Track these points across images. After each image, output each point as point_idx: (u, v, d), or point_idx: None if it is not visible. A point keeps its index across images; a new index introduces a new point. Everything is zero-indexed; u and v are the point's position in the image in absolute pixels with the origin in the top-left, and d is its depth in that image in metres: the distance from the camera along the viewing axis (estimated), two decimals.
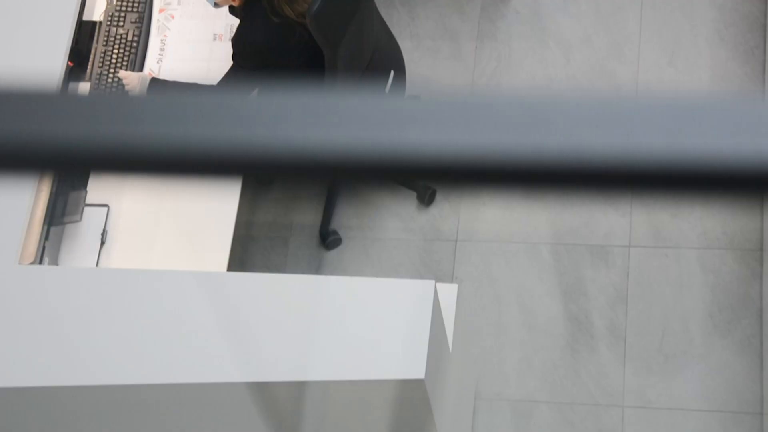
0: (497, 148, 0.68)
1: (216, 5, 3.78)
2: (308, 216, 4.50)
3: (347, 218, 4.49)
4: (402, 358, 3.04)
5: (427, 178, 0.70)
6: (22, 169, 0.70)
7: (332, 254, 4.46)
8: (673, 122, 0.69)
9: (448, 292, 3.52)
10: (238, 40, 3.81)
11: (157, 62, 4.08)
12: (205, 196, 3.73)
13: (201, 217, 3.76)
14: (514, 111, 0.70)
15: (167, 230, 3.78)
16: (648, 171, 0.68)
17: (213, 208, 3.76)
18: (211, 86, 3.91)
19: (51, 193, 3.63)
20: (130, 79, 3.95)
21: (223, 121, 0.69)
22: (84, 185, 3.74)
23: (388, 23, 4.35)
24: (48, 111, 0.69)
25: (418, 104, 0.72)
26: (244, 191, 4.04)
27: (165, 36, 4.13)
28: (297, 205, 4.55)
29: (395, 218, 4.48)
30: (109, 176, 0.75)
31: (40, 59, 3.71)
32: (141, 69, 4.07)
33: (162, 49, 4.11)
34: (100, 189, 3.75)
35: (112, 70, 4.04)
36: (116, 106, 0.73)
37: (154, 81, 3.95)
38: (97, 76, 4.03)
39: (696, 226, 4.32)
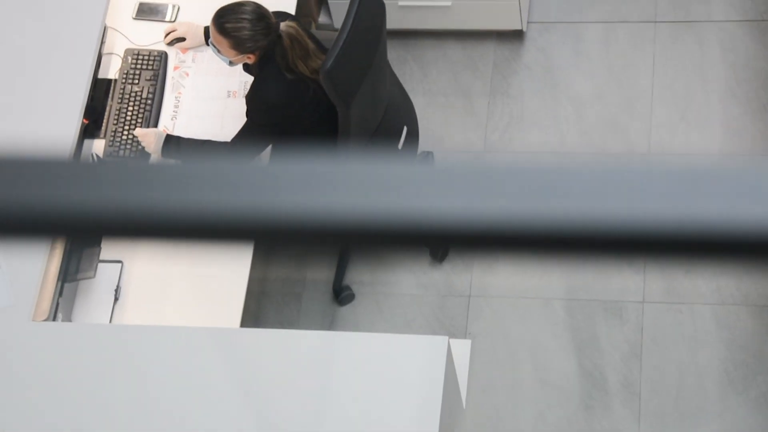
0: (510, 214, 0.68)
1: (231, 63, 3.81)
2: (321, 271, 4.51)
3: (360, 273, 4.50)
4: (416, 415, 3.03)
5: (440, 244, 0.71)
6: (35, 235, 0.71)
7: (345, 310, 4.46)
8: (685, 189, 0.70)
9: (462, 348, 3.52)
10: (252, 98, 3.83)
11: (172, 119, 4.11)
12: (218, 254, 3.74)
13: (214, 272, 3.76)
14: (528, 178, 0.70)
15: (181, 286, 3.78)
16: (660, 238, 0.68)
17: (226, 264, 3.76)
18: (225, 143, 3.93)
19: (65, 250, 3.64)
20: (145, 136, 3.98)
21: (235, 188, 0.70)
22: (98, 242, 3.75)
23: (401, 79, 4.38)
24: (62, 178, 0.70)
25: (432, 170, 0.73)
26: (257, 247, 4.05)
27: (179, 93, 4.16)
28: (310, 261, 4.56)
29: (408, 273, 4.48)
30: (123, 241, 0.75)
31: (56, 116, 3.74)
32: (156, 126, 4.09)
33: (176, 106, 4.13)
34: (113, 245, 3.76)
35: (126, 127, 4.07)
36: (129, 173, 0.73)
37: (169, 138, 3.97)
38: (112, 133, 4.05)
39: (710, 282, 4.31)
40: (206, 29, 4.15)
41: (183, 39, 4.20)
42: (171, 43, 4.21)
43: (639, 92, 4.77)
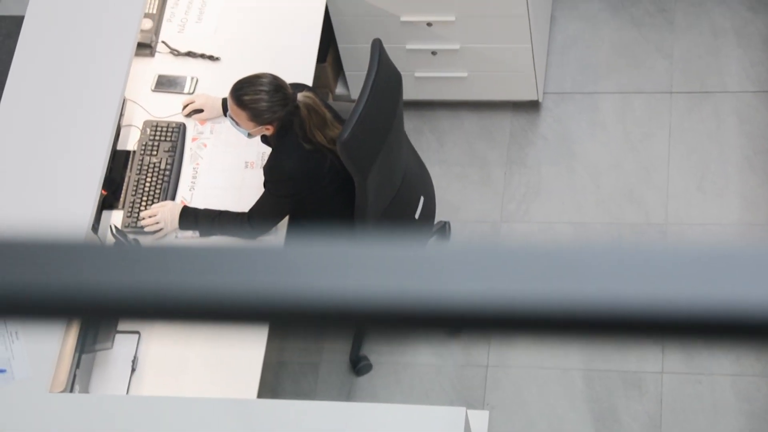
0: (527, 298, 0.68)
1: (250, 135, 3.83)
2: (338, 342, 4.50)
3: (377, 344, 4.48)
4: None
5: (456, 326, 0.71)
6: (50, 317, 0.72)
7: (363, 380, 4.44)
8: (701, 270, 0.70)
9: (480, 419, 3.50)
10: (270, 169, 3.85)
11: (190, 190, 4.13)
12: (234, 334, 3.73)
13: (231, 343, 3.76)
14: (545, 259, 0.70)
15: (198, 357, 3.78)
16: (678, 321, 0.68)
17: (243, 335, 3.76)
18: (243, 214, 3.95)
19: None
20: (160, 215, 3.98)
21: (250, 271, 0.70)
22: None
23: (418, 150, 4.40)
24: (77, 261, 0.70)
25: (450, 252, 0.73)
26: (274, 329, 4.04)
27: (197, 164, 4.18)
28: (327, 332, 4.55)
29: (426, 344, 4.47)
30: (138, 322, 0.76)
31: (75, 188, 3.76)
32: (173, 197, 4.11)
33: (194, 177, 4.16)
34: None
35: (145, 198, 4.09)
36: (144, 255, 0.74)
37: (186, 210, 3.99)
38: (131, 205, 4.07)
39: (729, 353, 4.28)
40: (224, 101, 4.18)
41: (201, 111, 4.24)
42: (189, 115, 4.25)
43: (655, 162, 4.77)
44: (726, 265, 0.72)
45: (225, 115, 4.14)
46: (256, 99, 3.71)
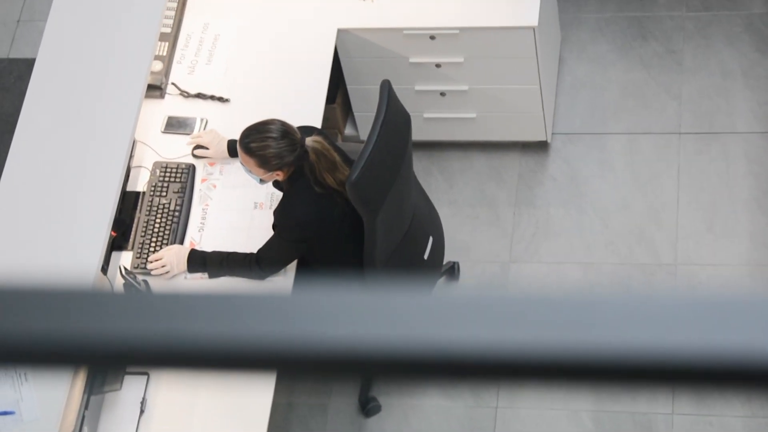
0: (539, 346, 0.68)
1: (262, 181, 3.83)
2: (347, 382, 4.49)
3: (386, 385, 4.47)
4: None
5: (465, 376, 0.71)
6: (56, 365, 0.72)
7: (372, 421, 4.43)
8: (710, 320, 0.70)
9: None
10: (281, 213, 3.85)
11: (199, 231, 4.13)
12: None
13: (240, 384, 3.75)
14: (556, 307, 0.70)
15: (207, 399, 3.77)
16: (686, 369, 0.68)
17: (252, 376, 3.75)
18: (252, 256, 3.95)
19: None
20: (164, 258, 3.99)
21: (260, 320, 0.70)
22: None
23: (427, 190, 4.40)
24: (88, 309, 0.71)
25: (459, 300, 0.73)
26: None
27: (207, 205, 4.19)
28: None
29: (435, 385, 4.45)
30: (147, 369, 0.76)
31: (85, 229, 3.77)
32: (182, 238, 4.12)
33: (204, 218, 4.16)
34: None
35: (154, 239, 4.09)
36: (153, 304, 0.74)
37: (194, 253, 3.99)
38: (140, 246, 4.08)
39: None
40: (230, 142, 4.19)
41: (206, 147, 4.25)
42: (194, 150, 4.26)
43: (665, 203, 4.77)
44: (735, 311, 0.72)
45: (230, 155, 4.16)
46: (264, 146, 3.71)
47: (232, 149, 4.18)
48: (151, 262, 4.01)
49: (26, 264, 3.71)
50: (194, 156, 4.25)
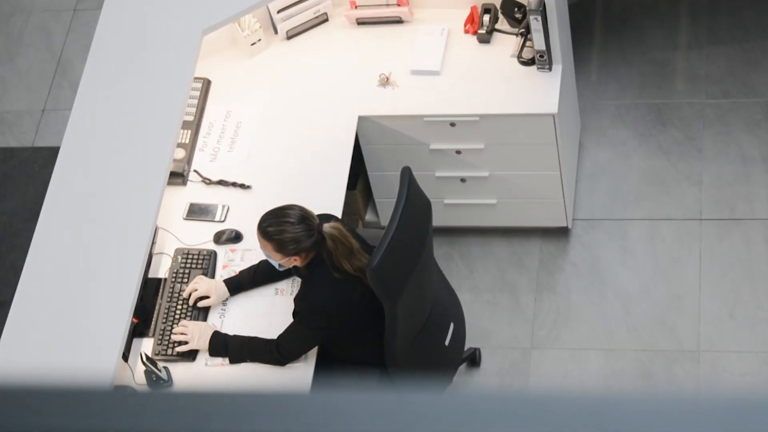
0: None
1: (280, 266, 3.85)
2: None
3: None
4: None
5: None
6: None
7: None
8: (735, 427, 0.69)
9: None
10: (301, 300, 3.86)
11: (220, 317, 4.13)
12: None
13: None
14: (575, 413, 0.70)
15: None
16: None
17: None
18: (272, 342, 3.94)
19: None
20: (188, 329, 4.00)
21: (279, 420, 0.70)
22: None
23: (447, 276, 4.40)
24: (107, 409, 0.71)
25: (475, 401, 0.73)
26: None
27: None
28: None
29: None
30: None
31: (106, 316, 3.77)
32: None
33: (225, 304, 4.16)
34: None
35: (175, 326, 4.10)
36: (175, 402, 0.74)
37: (217, 335, 4.00)
38: (161, 332, 4.08)
39: None
40: (226, 282, 4.13)
41: (207, 297, 4.15)
42: (195, 302, 4.12)
43: (686, 289, 4.75)
44: (759, 418, 0.72)
45: (230, 293, 4.11)
46: (281, 230, 3.73)
47: (231, 287, 4.15)
48: (175, 332, 4.02)
49: (48, 349, 3.72)
50: (198, 308, 4.16)
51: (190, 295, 4.12)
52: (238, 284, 4.13)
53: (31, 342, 3.78)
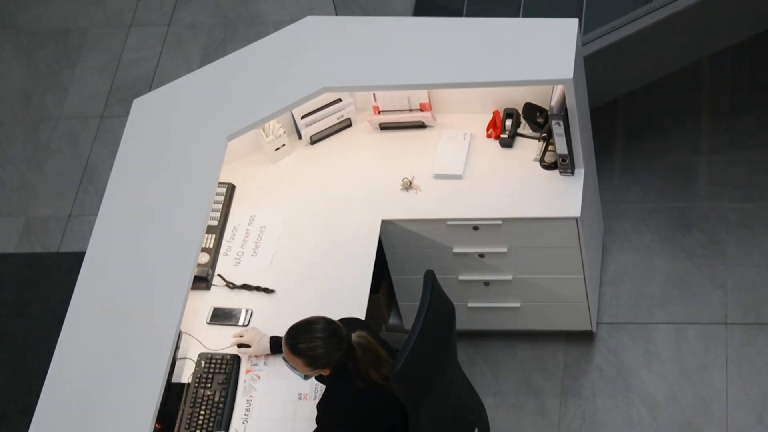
0: None
1: (306, 377, 3.82)
2: None
3: None
4: None
5: None
6: None
7: None
8: None
9: None
10: (324, 407, 3.83)
11: (243, 422, 4.11)
12: None
13: None
14: None
15: None
16: None
17: None
18: None
19: None
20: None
21: None
22: None
23: (471, 380, 4.38)
24: None
25: None
26: None
27: (251, 396, 4.18)
28: None
29: None
30: None
31: (129, 421, 3.76)
32: (227, 429, 4.10)
33: (248, 409, 4.15)
34: None
35: (198, 431, 4.08)
36: None
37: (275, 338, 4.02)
38: None
39: None
40: (272, 339, 4.20)
41: (248, 346, 4.25)
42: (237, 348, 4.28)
43: (713, 394, 4.71)
44: None
45: (272, 352, 4.17)
46: (312, 347, 3.70)
47: (274, 345, 4.20)
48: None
49: None
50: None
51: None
52: (279, 344, 4.14)
53: None
